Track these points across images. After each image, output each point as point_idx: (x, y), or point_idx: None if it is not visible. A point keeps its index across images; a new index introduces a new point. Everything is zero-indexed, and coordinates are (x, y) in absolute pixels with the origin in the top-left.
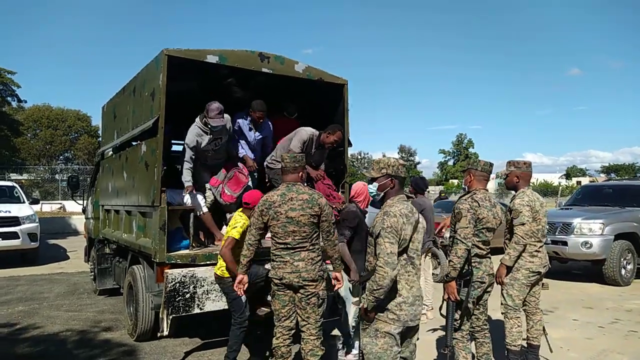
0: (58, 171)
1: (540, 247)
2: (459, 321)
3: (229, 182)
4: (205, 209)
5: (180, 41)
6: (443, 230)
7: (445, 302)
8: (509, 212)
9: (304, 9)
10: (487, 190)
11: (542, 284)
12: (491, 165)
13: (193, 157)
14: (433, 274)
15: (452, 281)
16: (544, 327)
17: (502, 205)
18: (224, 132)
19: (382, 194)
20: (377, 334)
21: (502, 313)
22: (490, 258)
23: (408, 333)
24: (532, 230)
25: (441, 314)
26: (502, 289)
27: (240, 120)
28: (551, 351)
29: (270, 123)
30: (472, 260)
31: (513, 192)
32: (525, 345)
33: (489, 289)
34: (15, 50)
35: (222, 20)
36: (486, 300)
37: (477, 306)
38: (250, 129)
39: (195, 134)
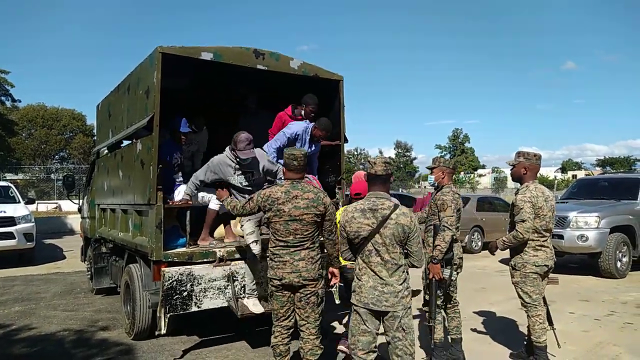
0: (53, 171)
1: (544, 241)
2: (442, 297)
3: None
4: (215, 206)
5: (175, 38)
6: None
7: (429, 281)
8: (512, 207)
9: (299, 5)
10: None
11: (548, 279)
12: (455, 162)
13: (206, 181)
14: None
15: (438, 263)
16: (552, 322)
17: (501, 200)
18: (255, 166)
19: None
20: (352, 310)
21: (524, 310)
22: (459, 242)
23: (380, 317)
24: (535, 226)
25: (426, 292)
26: (516, 289)
27: (301, 131)
28: (559, 346)
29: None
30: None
31: (518, 184)
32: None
33: (459, 270)
34: (9, 50)
35: (215, 17)
36: (456, 279)
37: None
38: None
39: (220, 162)
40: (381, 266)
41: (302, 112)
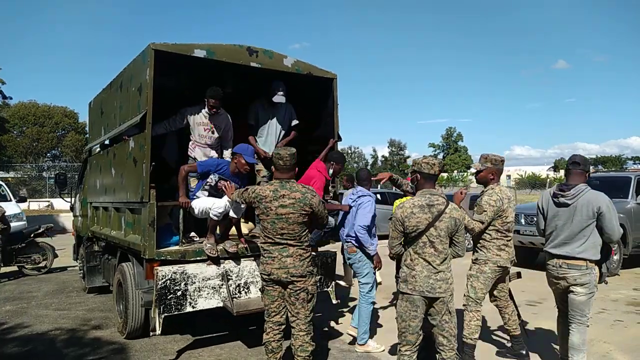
0: (45, 169)
1: (508, 241)
2: None
3: None
4: (215, 217)
5: (167, 36)
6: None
7: None
8: (476, 206)
9: (290, 3)
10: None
11: (510, 275)
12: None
13: None
14: None
15: None
16: (519, 315)
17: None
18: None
19: (414, 186)
20: (402, 297)
21: (463, 305)
22: None
23: (432, 303)
24: (497, 227)
25: None
26: (467, 282)
27: None
28: (527, 336)
29: None
30: None
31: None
32: (508, 337)
33: None
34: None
35: (207, 16)
36: None
37: None
38: None
39: None
40: (434, 256)
41: (331, 170)
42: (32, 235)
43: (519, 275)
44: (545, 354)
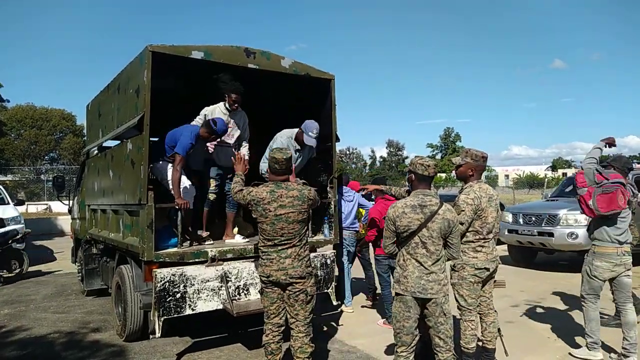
0: (43, 171)
1: (485, 242)
2: None
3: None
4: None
5: (164, 38)
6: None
7: None
8: (453, 206)
9: (286, 5)
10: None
11: (495, 281)
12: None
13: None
14: None
15: None
16: (499, 329)
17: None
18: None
19: (409, 186)
20: (396, 298)
21: (459, 314)
22: None
23: (424, 304)
24: (474, 227)
25: None
26: (453, 291)
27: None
28: (507, 354)
29: None
30: None
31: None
32: (481, 349)
33: None
34: None
35: (204, 19)
36: None
37: None
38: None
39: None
40: (426, 257)
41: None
42: (9, 242)
43: (500, 283)
44: (545, 354)
